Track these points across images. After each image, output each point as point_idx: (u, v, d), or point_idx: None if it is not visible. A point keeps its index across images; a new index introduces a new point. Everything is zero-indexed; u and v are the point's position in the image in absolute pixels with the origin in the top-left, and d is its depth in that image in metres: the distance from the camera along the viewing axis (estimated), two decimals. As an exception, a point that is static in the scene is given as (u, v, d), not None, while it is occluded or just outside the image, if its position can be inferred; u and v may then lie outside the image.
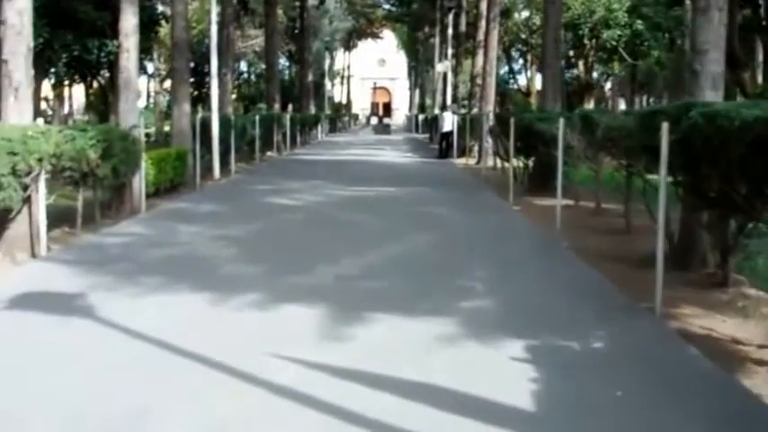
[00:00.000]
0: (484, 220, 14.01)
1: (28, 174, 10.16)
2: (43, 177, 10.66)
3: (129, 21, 15.32)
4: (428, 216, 14.20)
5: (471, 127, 28.38)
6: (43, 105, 51.12)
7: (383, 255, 10.24)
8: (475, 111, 31.99)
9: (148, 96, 63.65)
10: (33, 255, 10.54)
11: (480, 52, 32.14)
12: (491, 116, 26.23)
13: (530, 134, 16.57)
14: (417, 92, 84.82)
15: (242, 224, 13.01)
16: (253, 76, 63.06)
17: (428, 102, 76.84)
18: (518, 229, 13.21)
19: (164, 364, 5.83)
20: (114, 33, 20.73)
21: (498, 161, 22.98)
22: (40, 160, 10.32)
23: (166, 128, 36.26)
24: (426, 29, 65.35)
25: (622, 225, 12.63)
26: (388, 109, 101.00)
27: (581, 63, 47.64)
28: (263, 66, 49.53)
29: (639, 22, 41.59)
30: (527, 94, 51.70)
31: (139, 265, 9.73)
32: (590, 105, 45.18)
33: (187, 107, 20.20)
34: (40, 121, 11.18)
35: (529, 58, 49.69)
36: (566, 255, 10.62)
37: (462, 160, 28.62)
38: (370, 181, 20.55)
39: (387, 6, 77.54)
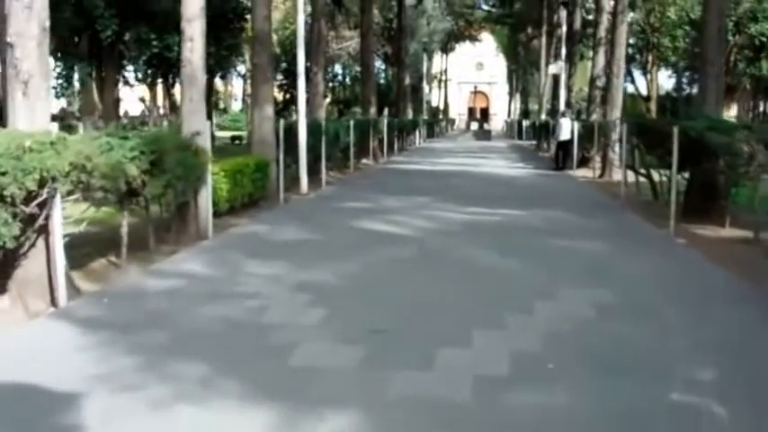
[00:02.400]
0: (648, 261, 10.43)
1: (30, 199, 7.20)
2: (59, 202, 7.71)
3: (194, 3, 12.33)
4: (575, 255, 10.71)
5: (595, 135, 24.61)
6: (141, 107, 49.53)
7: (539, 329, 6.88)
8: (594, 117, 28.30)
9: (244, 100, 61.82)
10: (53, 302, 7.74)
11: (601, 51, 28.40)
12: (618, 123, 22.65)
13: (697, 146, 13.03)
14: (518, 96, 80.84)
15: (331, 263, 9.83)
16: (347, 79, 60.31)
17: (533, 107, 72.99)
18: (707, 281, 9.48)
19: None
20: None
21: (629, 175, 19.60)
22: (52, 179, 7.38)
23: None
24: (529, 30, 61.71)
25: None
26: (485, 114, 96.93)
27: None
28: (358, 68, 46.71)
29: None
30: (647, 98, 47.19)
31: (180, 336, 6.70)
32: (731, 112, 39.80)
33: (270, 110, 17.20)
34: (54, 126, 8.15)
35: (650, 58, 44.90)
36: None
37: (581, 173, 24.97)
38: (484, 199, 17.17)
39: (485, 7, 74.28)
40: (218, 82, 60.09)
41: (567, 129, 26.80)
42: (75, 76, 27.20)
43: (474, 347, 6.38)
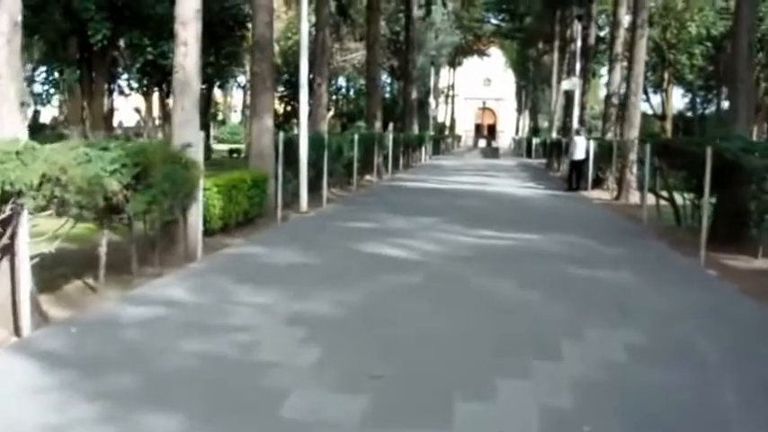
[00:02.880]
0: (679, 296, 9.45)
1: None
2: (26, 219, 6.81)
3: (189, 4, 11.43)
4: (599, 287, 9.74)
5: (611, 155, 23.58)
6: (136, 117, 48.61)
7: (569, 378, 5.93)
8: (609, 136, 27.34)
9: (244, 111, 60.88)
10: (17, 330, 6.86)
11: (617, 67, 27.51)
12: (636, 143, 21.70)
13: (728, 169, 12.08)
14: (527, 113, 79.85)
15: (329, 291, 8.89)
16: (352, 92, 59.33)
17: (542, 124, 71.98)
18: (747, 319, 8.47)
19: None
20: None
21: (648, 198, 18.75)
22: (17, 194, 6.49)
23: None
24: (540, 45, 60.82)
25: None
26: (492, 131, 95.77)
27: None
28: (363, 81, 45.79)
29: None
30: (662, 117, 45.94)
31: (154, 378, 5.83)
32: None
33: (269, 122, 16.27)
34: (23, 134, 7.23)
35: (665, 76, 43.62)
36: None
37: (596, 194, 23.99)
38: (496, 221, 16.20)
39: (495, 22, 73.46)
40: (216, 93, 59.26)
41: (581, 148, 25.74)
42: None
43: (498, 401, 5.41)
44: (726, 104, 61.28)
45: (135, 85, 30.90)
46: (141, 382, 5.63)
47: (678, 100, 53.34)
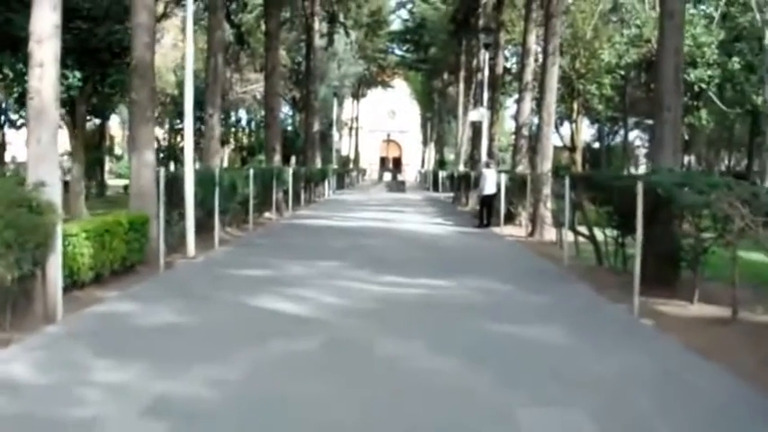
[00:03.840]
0: (618, 356, 8.05)
1: None
2: None
3: (45, 19, 9.66)
4: (525, 349, 8.24)
5: (524, 189, 22.41)
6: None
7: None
8: (521, 168, 26.26)
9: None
10: None
11: (527, 97, 26.56)
12: (550, 176, 20.61)
13: (659, 205, 10.91)
14: (432, 146, 79.11)
15: (205, 364, 7.23)
16: (252, 125, 57.48)
17: (449, 156, 71.27)
18: (701, 385, 7.06)
19: None
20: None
21: (561, 234, 17.68)
22: None
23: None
24: (445, 75, 60.22)
25: None
26: (398, 164, 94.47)
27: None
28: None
29: (736, 59, 33.86)
30: (571, 149, 45.17)
31: None
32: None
33: (150, 156, 14.54)
34: None
35: (575, 106, 42.95)
36: None
37: (509, 230, 22.73)
38: (404, 264, 14.71)
39: (399, 52, 72.90)
40: (113, 125, 56.84)
41: (492, 181, 24.43)
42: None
43: None
44: (632, 135, 62.21)
45: (14, 116, 28.48)
46: None
47: (584, 131, 53.06)
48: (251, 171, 21.01)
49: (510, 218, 23.97)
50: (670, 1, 13.44)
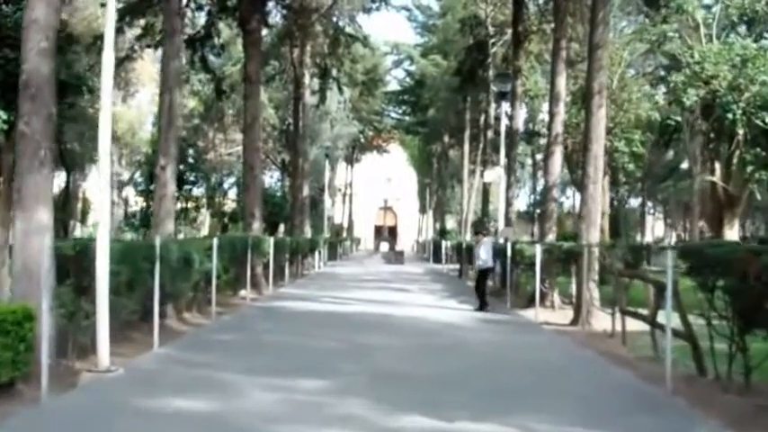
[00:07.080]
0: None
1: None
2: None
3: None
4: None
5: (565, 265, 17.56)
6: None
7: None
8: (551, 237, 21.45)
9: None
10: None
11: (557, 151, 21.87)
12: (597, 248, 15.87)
13: None
14: (430, 213, 74.19)
15: None
16: (235, 188, 52.65)
17: (452, 225, 66.70)
18: None
19: None
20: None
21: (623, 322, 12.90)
22: None
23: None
24: (446, 138, 55.72)
25: None
26: (394, 233, 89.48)
27: (718, 165, 30.93)
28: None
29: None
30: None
31: None
32: (733, 231, 30.36)
33: (43, 216, 9.70)
34: None
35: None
36: None
37: (544, 316, 17.76)
38: (422, 386, 9.69)
39: (395, 115, 68.78)
40: (87, 185, 52.04)
41: (491, 252, 20.42)
42: None
43: None
44: (635, 201, 57.56)
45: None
46: None
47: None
48: (215, 241, 16.08)
49: (539, 298, 18.89)
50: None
